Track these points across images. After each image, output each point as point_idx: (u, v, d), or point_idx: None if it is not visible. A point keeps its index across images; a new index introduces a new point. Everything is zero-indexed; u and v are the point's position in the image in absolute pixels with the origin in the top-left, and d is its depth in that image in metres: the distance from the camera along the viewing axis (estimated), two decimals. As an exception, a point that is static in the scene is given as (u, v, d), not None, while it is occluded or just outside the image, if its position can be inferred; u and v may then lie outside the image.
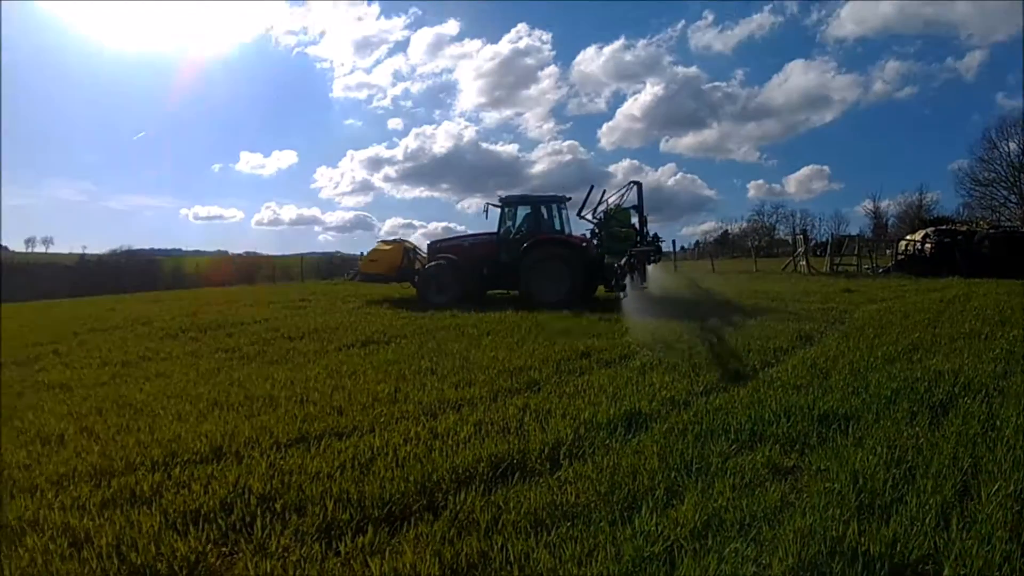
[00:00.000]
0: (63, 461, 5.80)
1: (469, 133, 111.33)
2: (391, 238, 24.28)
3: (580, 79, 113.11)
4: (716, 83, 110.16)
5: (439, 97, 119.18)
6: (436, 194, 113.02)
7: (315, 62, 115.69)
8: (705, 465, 5.30)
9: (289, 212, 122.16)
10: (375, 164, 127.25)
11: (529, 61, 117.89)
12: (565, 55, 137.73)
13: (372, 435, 6.29)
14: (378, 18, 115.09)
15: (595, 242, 21.02)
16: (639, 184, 21.25)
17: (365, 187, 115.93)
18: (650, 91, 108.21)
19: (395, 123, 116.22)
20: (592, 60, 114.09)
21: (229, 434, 6.34)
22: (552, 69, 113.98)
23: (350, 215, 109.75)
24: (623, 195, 21.49)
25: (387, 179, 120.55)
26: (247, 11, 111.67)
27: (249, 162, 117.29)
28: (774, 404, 6.90)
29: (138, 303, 23.89)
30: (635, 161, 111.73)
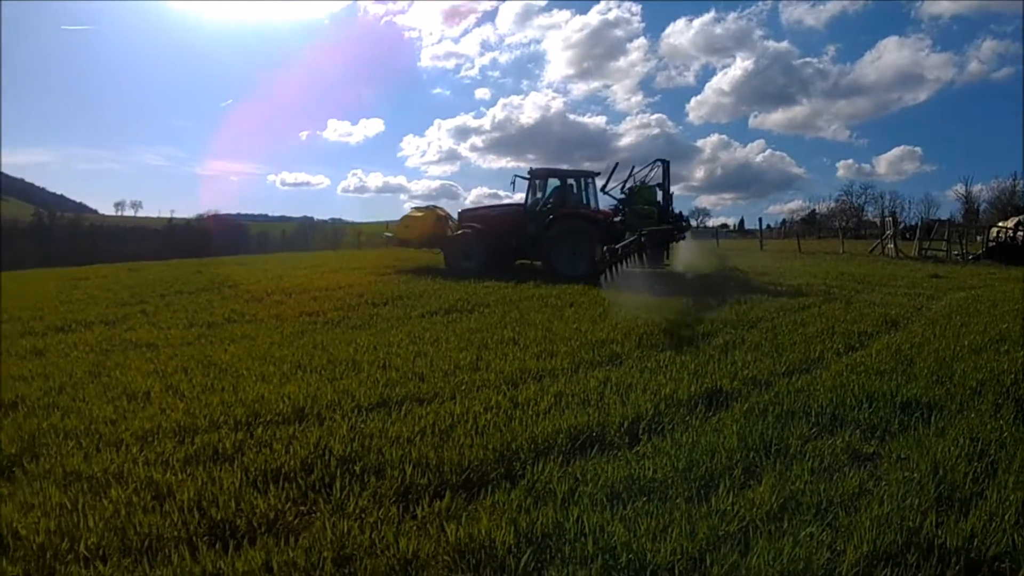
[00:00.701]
0: (148, 417, 6.01)
1: (556, 104, 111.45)
2: (424, 204, 24.50)
3: (669, 52, 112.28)
4: (807, 59, 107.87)
5: (527, 67, 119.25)
6: (522, 164, 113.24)
7: (403, 31, 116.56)
8: (784, 447, 5.24)
9: (375, 180, 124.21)
10: (462, 133, 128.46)
11: (618, 32, 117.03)
12: (654, 27, 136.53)
13: (453, 402, 6.37)
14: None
15: (620, 218, 20.98)
16: (666, 162, 21.64)
17: (451, 156, 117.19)
18: (740, 65, 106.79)
19: (483, 93, 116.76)
20: (682, 33, 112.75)
21: (311, 396, 6.47)
22: (641, 41, 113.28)
23: (436, 184, 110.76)
24: (648, 173, 21.66)
25: (474, 148, 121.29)
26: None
27: (337, 130, 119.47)
28: (856, 389, 6.77)
29: (224, 266, 24.39)
30: (723, 136, 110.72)
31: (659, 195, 21.36)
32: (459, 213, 23.09)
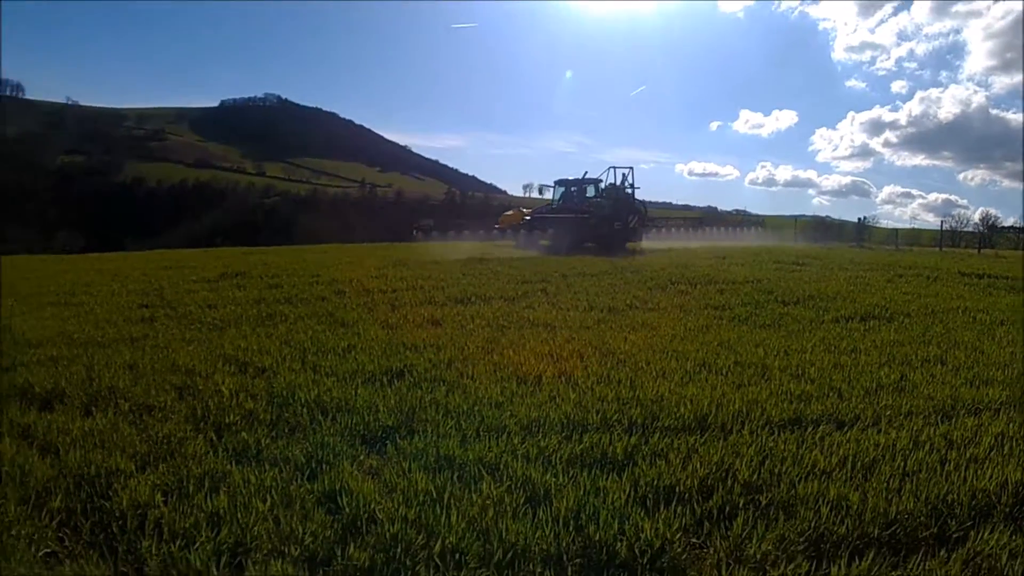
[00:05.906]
0: (536, 405, 5.99)
1: (978, 99, 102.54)
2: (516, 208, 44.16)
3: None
4: None
5: (945, 58, 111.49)
6: (937, 163, 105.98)
7: (817, 23, 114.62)
8: None
9: (784, 173, 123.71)
10: (875, 127, 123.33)
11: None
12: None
13: (875, 430, 5.64)
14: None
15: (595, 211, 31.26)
16: (628, 168, 32.40)
17: (864, 152, 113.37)
18: None
19: (899, 85, 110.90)
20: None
21: (716, 403, 6.11)
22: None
23: (846, 180, 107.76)
24: (614, 177, 32.47)
25: (887, 144, 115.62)
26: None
27: (748, 121, 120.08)
28: None
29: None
30: None
31: (617, 193, 31.59)
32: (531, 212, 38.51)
